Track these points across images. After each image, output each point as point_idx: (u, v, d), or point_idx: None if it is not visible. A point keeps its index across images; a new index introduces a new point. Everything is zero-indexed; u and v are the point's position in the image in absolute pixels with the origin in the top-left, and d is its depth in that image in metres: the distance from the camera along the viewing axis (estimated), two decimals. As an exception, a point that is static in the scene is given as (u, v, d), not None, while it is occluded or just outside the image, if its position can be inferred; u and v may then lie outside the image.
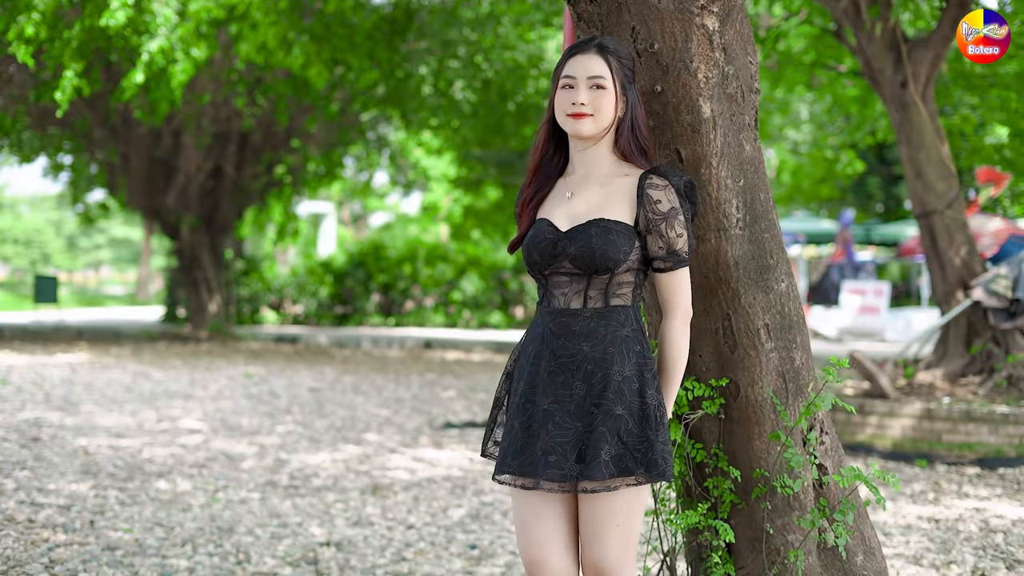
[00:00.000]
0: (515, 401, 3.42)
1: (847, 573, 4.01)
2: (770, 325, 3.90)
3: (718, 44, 3.78)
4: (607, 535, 3.35)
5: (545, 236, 3.42)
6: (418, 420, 11.35)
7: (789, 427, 3.87)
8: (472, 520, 7.05)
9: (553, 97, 3.49)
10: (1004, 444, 9.46)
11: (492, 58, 19.03)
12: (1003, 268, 10.59)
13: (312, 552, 6.15)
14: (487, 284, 27.75)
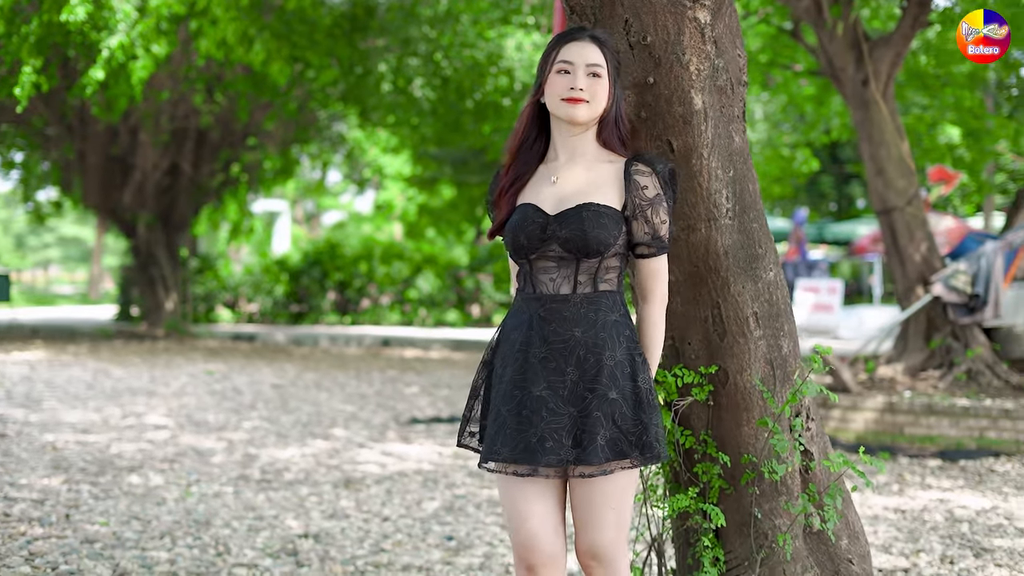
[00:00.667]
0: (502, 389, 3.42)
1: (832, 556, 4.10)
2: (758, 313, 3.97)
3: (709, 37, 3.85)
4: (603, 518, 3.39)
5: (533, 220, 3.43)
6: (384, 416, 11.39)
7: (776, 413, 3.95)
8: (446, 512, 7.10)
9: (543, 81, 3.50)
10: (965, 437, 9.62)
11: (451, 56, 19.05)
12: (962, 264, 10.75)
13: (291, 544, 6.18)
14: (443, 282, 27.75)
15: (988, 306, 10.52)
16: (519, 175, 3.56)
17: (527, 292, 3.47)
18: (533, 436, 3.31)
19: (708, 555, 3.99)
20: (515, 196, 3.54)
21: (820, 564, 4.08)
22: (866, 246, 28.94)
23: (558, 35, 3.54)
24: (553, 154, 3.56)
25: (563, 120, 3.48)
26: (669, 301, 4.06)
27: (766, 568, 4.00)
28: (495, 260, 28.13)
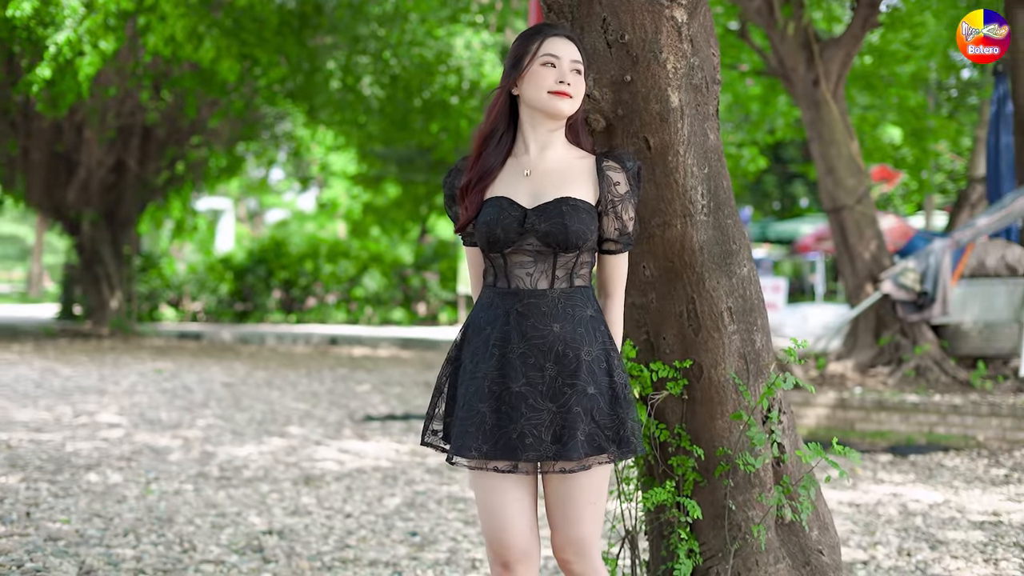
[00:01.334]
0: (478, 385, 3.38)
1: (803, 547, 4.17)
2: (733, 308, 4.04)
3: (686, 36, 3.91)
4: (581, 514, 3.39)
5: (509, 213, 3.39)
6: (338, 413, 11.38)
7: (751, 407, 4.01)
8: (408, 508, 7.12)
9: (523, 73, 3.44)
10: (914, 432, 9.77)
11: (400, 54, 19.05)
12: (911, 262, 10.91)
13: (256, 540, 6.18)
14: (389, 281, 27.76)
15: (936, 303, 10.68)
16: (488, 168, 3.50)
17: (500, 287, 3.43)
18: (513, 432, 3.30)
19: (683, 547, 4.04)
20: (484, 190, 3.48)
21: (791, 555, 4.15)
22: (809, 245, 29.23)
23: (535, 28, 3.51)
24: (522, 147, 3.51)
25: (544, 113, 3.45)
26: (645, 296, 4.12)
27: (739, 559, 4.07)
28: (441, 259, 28.16)
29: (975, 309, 11.13)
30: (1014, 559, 6.10)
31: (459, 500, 7.40)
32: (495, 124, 3.51)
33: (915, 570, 5.88)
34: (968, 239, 11.12)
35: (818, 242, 27.32)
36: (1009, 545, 6.40)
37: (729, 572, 4.06)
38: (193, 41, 14.88)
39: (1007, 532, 6.71)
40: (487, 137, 3.51)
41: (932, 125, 21.22)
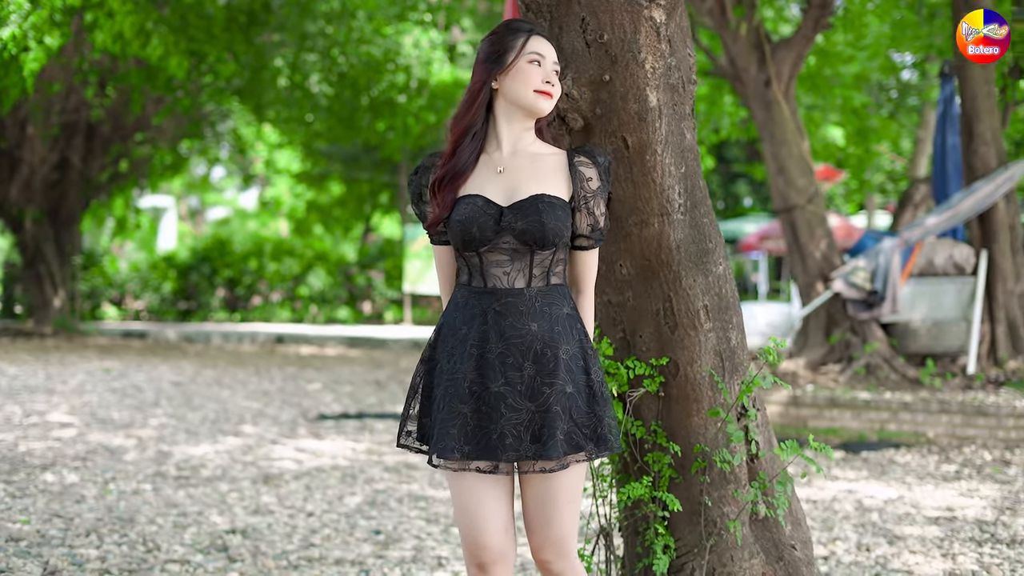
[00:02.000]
0: (457, 385, 3.35)
1: (777, 543, 4.21)
2: (709, 306, 4.07)
3: (664, 36, 3.93)
4: (560, 513, 3.40)
5: (484, 211, 3.35)
6: (291, 412, 11.34)
7: (728, 404, 4.05)
8: (369, 507, 7.11)
9: (507, 69, 3.40)
10: (866, 429, 9.88)
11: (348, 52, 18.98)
12: (861, 261, 11.03)
13: (220, 540, 6.15)
14: (334, 279, 27.65)
15: (886, 302, 10.81)
16: (463, 165, 3.44)
17: (476, 286, 3.40)
18: (493, 432, 3.29)
19: (659, 543, 4.07)
20: (456, 187, 3.43)
21: (765, 550, 4.19)
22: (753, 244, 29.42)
23: (515, 24, 3.47)
24: (494, 143, 3.48)
25: (525, 111, 3.44)
26: (621, 294, 4.15)
27: (715, 555, 4.10)
28: (386, 257, 28.09)
29: (924, 307, 11.28)
30: (971, 553, 6.19)
31: (420, 498, 7.41)
32: (473, 120, 3.45)
33: (875, 565, 5.95)
34: (917, 238, 11.25)
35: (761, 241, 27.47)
36: (965, 540, 6.49)
37: (704, 568, 4.10)
38: (141, 38, 14.73)
39: (962, 527, 6.80)
40: (465, 133, 3.45)
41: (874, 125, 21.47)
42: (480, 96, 3.44)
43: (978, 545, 6.39)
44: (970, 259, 11.43)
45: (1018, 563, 6.01)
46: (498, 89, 3.44)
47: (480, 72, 3.45)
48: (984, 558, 6.11)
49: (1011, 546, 6.37)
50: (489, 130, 3.50)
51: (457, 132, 3.45)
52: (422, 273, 25.96)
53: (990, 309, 11.38)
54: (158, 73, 17.45)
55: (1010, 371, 11.07)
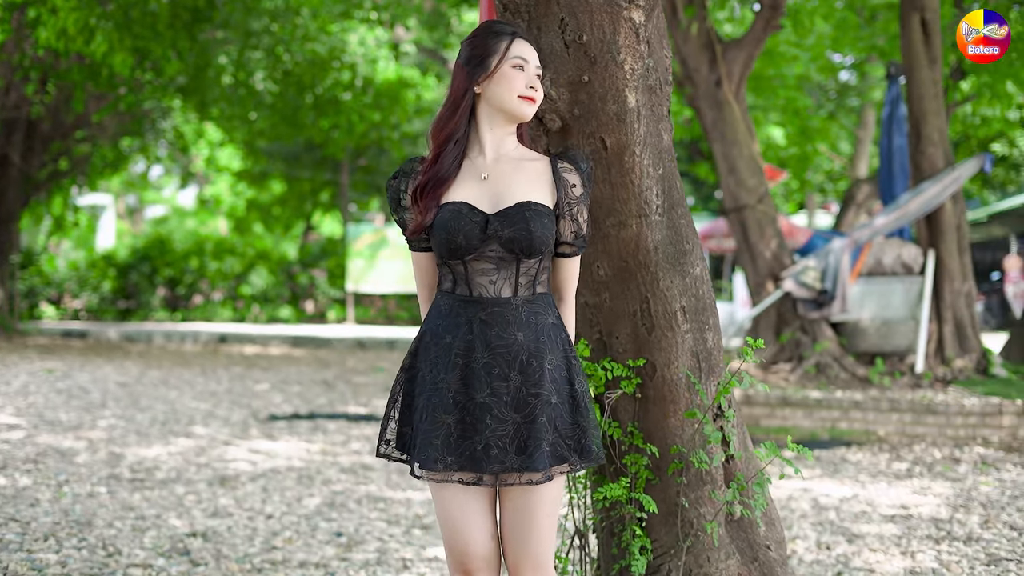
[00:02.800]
0: (441, 395, 3.29)
1: (752, 543, 4.22)
2: (686, 307, 4.07)
3: (643, 37, 3.93)
4: (540, 526, 3.36)
5: (470, 219, 3.28)
6: (241, 413, 11.24)
7: (706, 405, 4.05)
8: (329, 508, 7.07)
9: (490, 74, 3.35)
10: (818, 428, 9.95)
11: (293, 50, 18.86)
12: (811, 260, 11.10)
13: (181, 543, 6.08)
14: (276, 278, 27.46)
15: (836, 301, 10.89)
16: (446, 171, 3.36)
17: (461, 294, 3.34)
18: (478, 443, 3.24)
19: (636, 544, 4.07)
20: (440, 194, 3.35)
21: (741, 551, 4.20)
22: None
23: (498, 28, 3.41)
24: (476, 149, 3.42)
25: (509, 116, 3.39)
26: (598, 295, 4.14)
27: (691, 556, 4.11)
28: (329, 256, 27.94)
29: (872, 307, 11.38)
30: (929, 551, 6.25)
31: (378, 499, 7.37)
32: (458, 125, 3.39)
33: (836, 563, 5.99)
34: (866, 238, 11.35)
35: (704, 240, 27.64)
36: (922, 538, 6.55)
37: (681, 568, 4.10)
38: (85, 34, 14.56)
39: (918, 525, 6.87)
40: (448, 138, 3.38)
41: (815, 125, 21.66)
42: (463, 102, 3.38)
43: (936, 543, 6.45)
44: (918, 259, 11.55)
45: (975, 560, 6.07)
46: (480, 94, 3.39)
47: (462, 76, 3.39)
48: (942, 555, 6.17)
49: (968, 543, 6.43)
50: (471, 135, 3.44)
51: (440, 138, 3.38)
52: (365, 272, 25.88)
53: (937, 308, 11.50)
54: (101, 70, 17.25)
55: (957, 370, 11.19)
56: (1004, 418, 9.79)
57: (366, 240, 26.13)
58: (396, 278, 25.73)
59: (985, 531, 6.73)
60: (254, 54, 18.67)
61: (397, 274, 25.69)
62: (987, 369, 11.41)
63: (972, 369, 11.37)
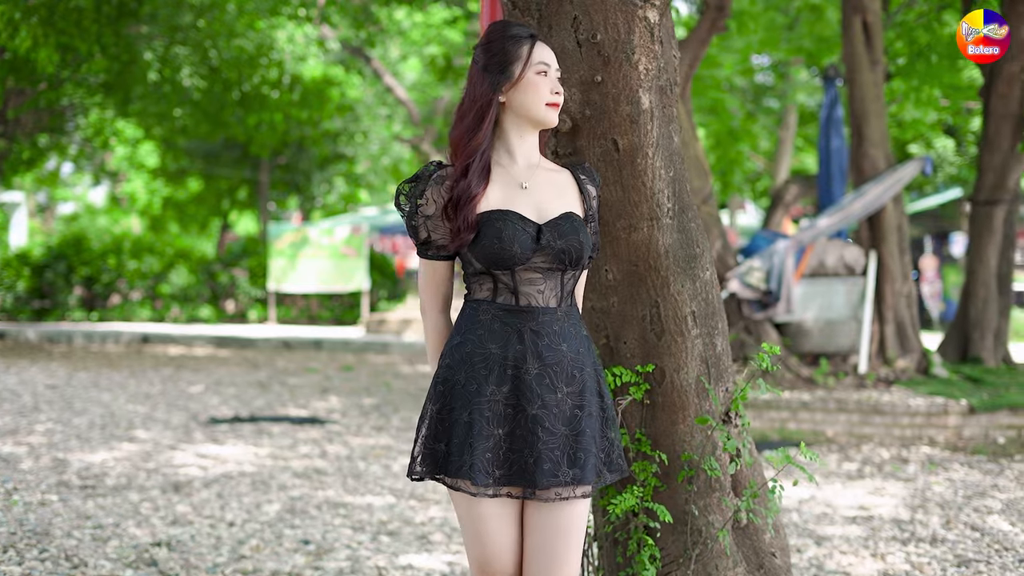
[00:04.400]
0: (492, 408, 3.20)
1: (757, 550, 4.18)
2: (696, 312, 4.01)
3: (657, 37, 3.86)
4: (574, 543, 3.29)
5: (522, 229, 3.21)
6: (181, 416, 11.00)
7: (719, 411, 4.00)
8: (290, 515, 6.92)
9: (516, 82, 3.27)
10: (767, 428, 9.97)
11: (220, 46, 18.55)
12: (756, 261, 11.12)
13: (146, 553, 5.91)
14: (196, 277, 27.03)
15: (781, 302, 10.92)
16: (478, 183, 3.26)
17: (505, 303, 3.25)
18: (529, 457, 3.17)
19: (645, 553, 4.00)
20: (475, 205, 3.25)
21: (747, 558, 4.15)
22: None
23: (516, 31, 3.32)
24: (506, 157, 3.34)
25: (535, 123, 3.32)
26: (606, 300, 4.07)
27: (699, 564, 4.05)
28: (250, 255, 27.60)
29: (816, 307, 11.43)
30: (898, 553, 6.27)
31: (339, 505, 7.23)
32: (485, 136, 3.29)
33: (811, 566, 5.99)
34: (809, 239, 11.40)
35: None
36: (888, 539, 6.58)
37: (689, 577, 4.04)
38: (8, 29, 14.22)
39: (881, 526, 6.89)
40: (476, 150, 3.28)
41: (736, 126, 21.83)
42: (490, 112, 3.29)
43: (903, 544, 6.47)
44: (860, 260, 11.63)
45: (945, 561, 6.10)
46: (505, 102, 3.31)
47: (483, 84, 3.28)
48: (912, 557, 6.19)
49: (935, 545, 6.46)
50: (497, 143, 3.36)
51: (469, 150, 3.27)
52: (286, 271, 25.57)
53: (879, 309, 11.60)
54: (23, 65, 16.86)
55: (899, 370, 11.29)
56: (949, 418, 9.88)
57: (288, 239, 25.78)
58: (318, 278, 25.45)
59: (948, 532, 6.77)
60: (180, 50, 18.33)
61: (319, 274, 25.42)
62: (928, 369, 11.52)
63: (913, 369, 11.48)
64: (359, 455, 9.03)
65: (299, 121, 24.38)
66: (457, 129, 3.31)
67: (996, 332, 12.89)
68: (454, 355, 3.29)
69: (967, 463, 9.04)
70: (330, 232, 25.88)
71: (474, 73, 3.33)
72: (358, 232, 25.73)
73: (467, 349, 3.26)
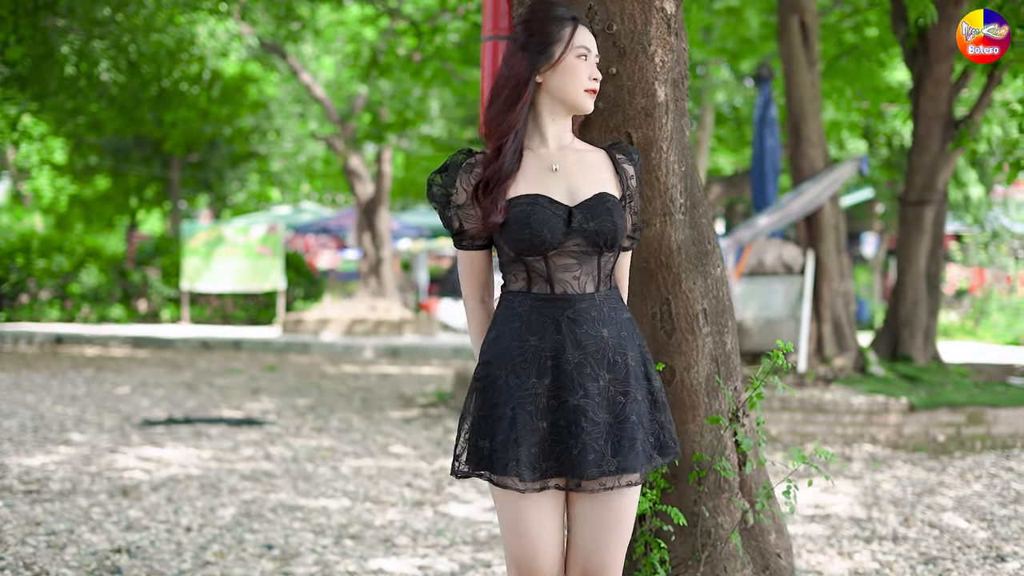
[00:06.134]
0: (536, 401, 3.10)
1: (763, 552, 4.12)
2: (708, 310, 3.95)
3: (673, 28, 3.78)
4: (623, 533, 3.24)
5: (552, 212, 3.11)
6: (113, 418, 10.71)
7: (732, 411, 3.93)
8: (247, 519, 6.74)
9: (555, 64, 3.17)
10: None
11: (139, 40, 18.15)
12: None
13: (107, 560, 5.70)
14: (107, 277, 26.51)
15: (722, 301, 10.92)
16: (510, 165, 3.15)
17: (540, 292, 3.14)
18: (574, 448, 3.08)
19: (656, 556, 3.92)
20: (506, 188, 3.14)
21: (752, 559, 4.10)
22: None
23: (559, 12, 3.21)
24: (537, 140, 3.23)
25: (572, 108, 3.23)
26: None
27: (708, 566, 3.98)
28: (163, 254, 27.15)
29: (755, 306, 11.47)
30: (864, 551, 6.28)
31: (294, 508, 7.07)
32: (519, 116, 3.18)
33: (782, 566, 5.95)
34: (749, 239, 11.44)
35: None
36: (851, 538, 6.58)
37: (699, 580, 3.97)
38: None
39: (841, 525, 6.90)
40: (509, 130, 3.17)
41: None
42: (526, 92, 3.18)
43: (866, 543, 6.48)
44: (798, 259, 11.69)
45: (911, 559, 6.11)
46: (542, 84, 3.20)
47: (522, 64, 3.18)
48: (878, 555, 6.19)
49: (897, 543, 6.48)
50: (530, 126, 3.25)
51: (502, 130, 3.17)
52: (200, 271, 25.17)
53: (817, 308, 11.66)
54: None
55: (837, 368, 11.36)
56: (890, 416, 9.95)
57: (202, 238, 25.37)
58: (233, 277, 25.08)
59: (908, 530, 6.79)
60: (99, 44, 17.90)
61: (234, 273, 25.05)
62: (865, 368, 11.61)
63: (851, 368, 11.56)
64: (304, 457, 8.86)
65: (218, 119, 23.99)
66: (491, 109, 3.21)
67: (925, 331, 13.04)
68: (492, 350, 3.19)
69: (909, 461, 9.11)
70: (246, 231, 25.54)
71: (512, 51, 3.23)
72: (274, 231, 25.43)
73: (504, 343, 3.16)
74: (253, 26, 21.47)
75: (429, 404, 12.28)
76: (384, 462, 8.74)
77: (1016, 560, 6.11)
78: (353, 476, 8.14)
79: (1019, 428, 10.05)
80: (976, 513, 7.29)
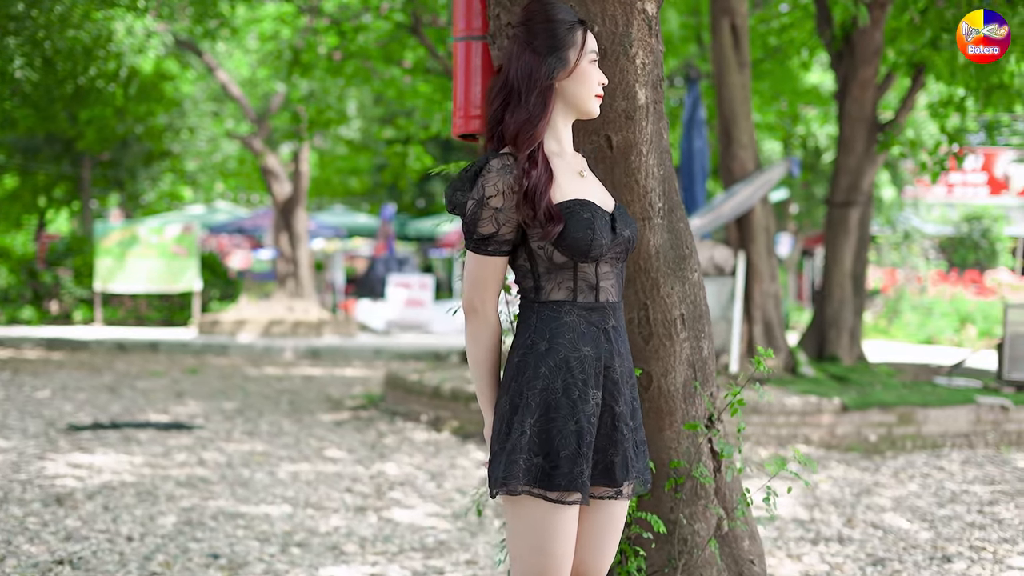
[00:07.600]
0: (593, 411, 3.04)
1: (737, 558, 4.09)
2: (685, 315, 3.90)
3: (654, 30, 3.73)
4: (615, 542, 3.29)
5: (604, 218, 3.08)
6: (36, 423, 10.44)
7: (713, 417, 3.90)
8: (189, 527, 6.58)
9: (572, 68, 3.11)
10: (648, 429, 9.95)
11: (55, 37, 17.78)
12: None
13: (49, 571, 5.54)
14: (17, 278, 25.96)
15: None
16: (547, 170, 3.07)
17: (585, 301, 3.09)
18: (615, 455, 3.10)
19: (633, 565, 3.88)
20: (550, 194, 3.05)
21: (727, 566, 4.06)
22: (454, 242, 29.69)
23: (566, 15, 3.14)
24: (556, 146, 3.17)
25: (581, 113, 3.20)
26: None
27: (684, 573, 3.94)
28: (74, 254, 26.66)
29: (687, 308, 11.48)
30: (812, 553, 6.31)
31: (235, 516, 6.92)
32: (547, 121, 3.12)
33: (734, 569, 5.94)
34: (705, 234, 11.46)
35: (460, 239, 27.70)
36: (797, 540, 6.61)
37: (675, 587, 3.93)
38: None
39: (785, 526, 6.93)
40: (540, 134, 3.10)
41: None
42: (551, 98, 3.12)
43: (813, 544, 6.51)
44: (729, 260, 11.74)
45: (859, 560, 6.16)
46: (558, 89, 3.15)
47: (540, 68, 3.09)
48: (827, 557, 6.23)
49: (844, 544, 6.52)
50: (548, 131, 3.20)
51: (533, 138, 3.07)
52: (114, 271, 24.72)
53: (747, 309, 11.72)
54: None
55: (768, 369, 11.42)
56: (823, 416, 10.01)
57: (115, 238, 24.91)
58: (148, 277, 24.66)
59: (852, 531, 6.84)
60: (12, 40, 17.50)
61: (149, 273, 24.63)
62: (795, 368, 11.69)
63: (782, 368, 11.63)
64: (239, 462, 8.71)
65: (135, 117, 23.60)
66: (517, 114, 3.09)
67: (851, 331, 13.18)
68: (547, 362, 3.06)
69: (843, 461, 9.19)
70: (160, 231, 25.14)
71: (526, 54, 3.12)
72: (189, 231, 25.06)
73: (561, 355, 3.05)
74: (170, 22, 21.13)
75: (359, 407, 12.16)
76: (321, 467, 8.62)
77: (962, 560, 6.16)
78: (291, 481, 8.01)
79: (948, 428, 10.18)
80: (916, 513, 7.36)
